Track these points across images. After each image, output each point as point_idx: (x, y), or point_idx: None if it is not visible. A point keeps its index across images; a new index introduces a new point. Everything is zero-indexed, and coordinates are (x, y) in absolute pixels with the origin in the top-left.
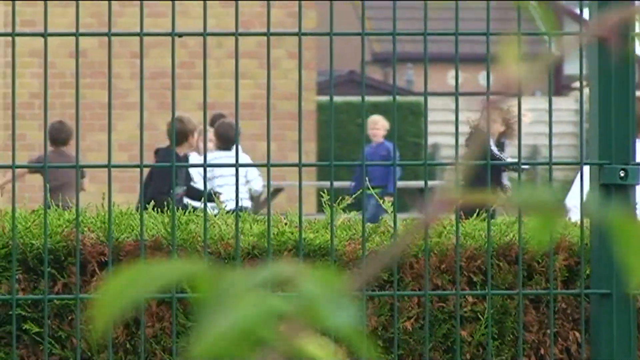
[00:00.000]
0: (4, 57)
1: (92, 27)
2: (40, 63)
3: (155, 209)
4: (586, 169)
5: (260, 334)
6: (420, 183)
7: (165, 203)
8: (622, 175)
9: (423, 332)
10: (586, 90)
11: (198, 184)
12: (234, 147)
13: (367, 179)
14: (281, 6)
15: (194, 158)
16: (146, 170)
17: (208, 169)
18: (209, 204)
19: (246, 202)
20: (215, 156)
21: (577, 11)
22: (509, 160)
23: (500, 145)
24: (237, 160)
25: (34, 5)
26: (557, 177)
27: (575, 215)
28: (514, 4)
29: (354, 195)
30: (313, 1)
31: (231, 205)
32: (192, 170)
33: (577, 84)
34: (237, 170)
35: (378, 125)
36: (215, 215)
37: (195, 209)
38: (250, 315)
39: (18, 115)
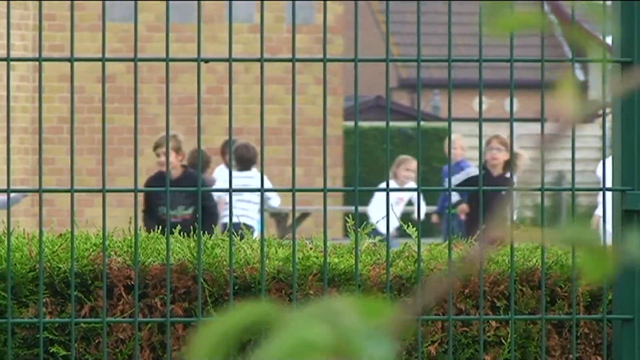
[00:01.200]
0: (32, 82)
1: (121, 52)
2: (69, 88)
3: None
4: (609, 195)
5: None
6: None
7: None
8: None
9: (447, 356)
10: (610, 116)
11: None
12: (252, 167)
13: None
14: (308, 32)
15: (222, 172)
16: (171, 195)
17: (224, 185)
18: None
19: (251, 221)
20: (233, 175)
21: (601, 37)
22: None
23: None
24: (262, 185)
25: (64, 30)
26: (582, 202)
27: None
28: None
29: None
30: (340, 28)
31: (243, 220)
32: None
33: (601, 111)
34: (262, 195)
35: (455, 145)
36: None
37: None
38: (284, 346)
39: (47, 139)
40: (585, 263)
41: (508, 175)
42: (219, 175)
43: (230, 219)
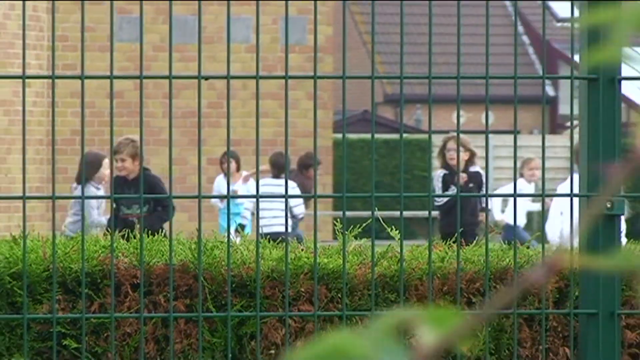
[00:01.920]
0: (47, 98)
1: (129, 70)
2: (80, 103)
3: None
4: (575, 200)
5: None
6: (424, 212)
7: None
8: (608, 206)
9: None
10: (577, 129)
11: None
12: (283, 175)
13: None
14: (301, 51)
15: (221, 181)
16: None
17: (251, 191)
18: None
19: (281, 228)
20: (267, 182)
21: (569, 55)
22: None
23: (474, 175)
24: (286, 191)
25: (76, 50)
26: (548, 206)
27: (551, 234)
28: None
29: (365, 224)
30: (330, 49)
31: (268, 222)
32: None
33: (569, 123)
34: (286, 201)
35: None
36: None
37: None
38: (313, 355)
39: (60, 150)
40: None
41: (471, 169)
42: (221, 183)
43: (228, 221)
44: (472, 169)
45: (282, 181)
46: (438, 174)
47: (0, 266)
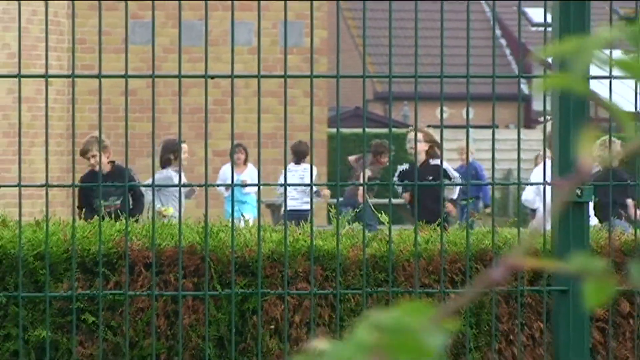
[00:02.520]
0: (67, 95)
1: (141, 69)
2: (97, 100)
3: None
4: (548, 188)
5: None
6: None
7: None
8: (578, 194)
9: None
10: (550, 123)
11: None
12: (303, 160)
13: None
14: (298, 53)
15: (227, 170)
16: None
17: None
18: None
19: (297, 205)
20: (289, 168)
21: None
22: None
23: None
24: (311, 180)
25: (93, 51)
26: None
27: (537, 222)
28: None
29: (357, 210)
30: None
31: (292, 203)
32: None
33: (542, 119)
34: (311, 189)
35: (463, 152)
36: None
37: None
38: (340, 348)
39: (79, 143)
40: (591, 291)
41: (432, 162)
42: (227, 172)
43: (232, 207)
44: (433, 161)
45: (302, 166)
46: (400, 168)
47: (24, 248)
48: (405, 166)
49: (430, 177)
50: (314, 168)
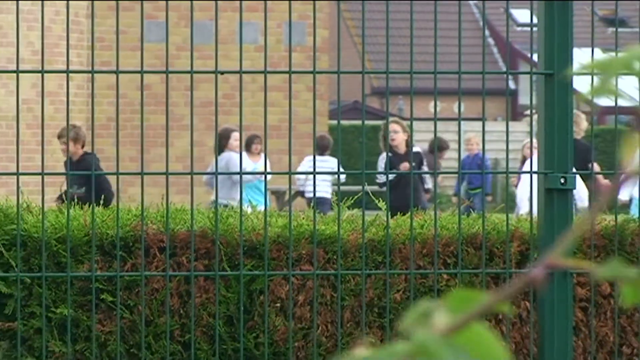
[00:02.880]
0: (87, 90)
1: (156, 66)
2: (115, 94)
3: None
4: (534, 176)
5: None
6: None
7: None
8: (562, 182)
9: (409, 302)
10: (535, 116)
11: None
12: (326, 152)
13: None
14: (301, 51)
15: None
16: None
17: (305, 168)
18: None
19: (326, 195)
20: (310, 159)
21: (529, 54)
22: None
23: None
24: (338, 169)
25: (111, 49)
26: (513, 182)
27: (523, 209)
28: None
29: (356, 197)
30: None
31: (309, 189)
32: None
33: (529, 112)
34: (339, 177)
35: (472, 141)
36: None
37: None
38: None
39: (98, 134)
40: (628, 292)
41: (413, 150)
42: (244, 160)
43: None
44: (415, 150)
45: (325, 158)
46: (382, 156)
47: (47, 232)
48: (385, 154)
49: (414, 164)
50: (331, 159)
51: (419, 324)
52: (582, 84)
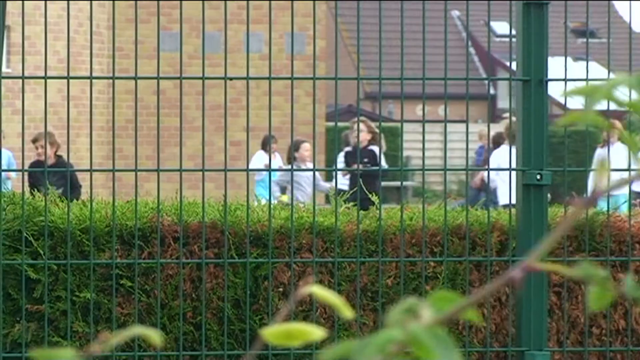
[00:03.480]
0: (107, 94)
1: (170, 73)
2: (133, 99)
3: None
4: (513, 173)
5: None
6: (397, 183)
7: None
8: (538, 178)
9: (399, 287)
10: (514, 118)
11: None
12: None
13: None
14: (301, 59)
15: (261, 156)
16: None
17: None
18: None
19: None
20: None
21: (507, 63)
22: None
23: (369, 153)
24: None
25: (129, 57)
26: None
27: (499, 185)
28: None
29: (351, 192)
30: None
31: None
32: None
33: (507, 114)
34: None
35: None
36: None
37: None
38: (371, 342)
39: (117, 134)
40: (594, 295)
41: (370, 147)
42: (259, 158)
43: (248, 189)
44: (371, 147)
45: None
46: (343, 151)
47: (72, 223)
48: (348, 148)
49: (366, 159)
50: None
51: (406, 317)
52: (555, 90)
